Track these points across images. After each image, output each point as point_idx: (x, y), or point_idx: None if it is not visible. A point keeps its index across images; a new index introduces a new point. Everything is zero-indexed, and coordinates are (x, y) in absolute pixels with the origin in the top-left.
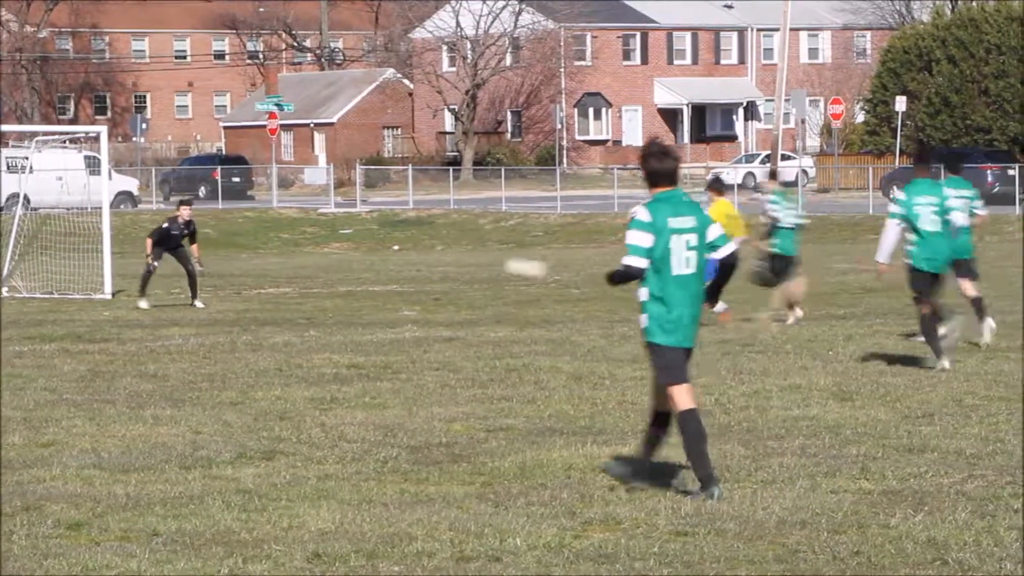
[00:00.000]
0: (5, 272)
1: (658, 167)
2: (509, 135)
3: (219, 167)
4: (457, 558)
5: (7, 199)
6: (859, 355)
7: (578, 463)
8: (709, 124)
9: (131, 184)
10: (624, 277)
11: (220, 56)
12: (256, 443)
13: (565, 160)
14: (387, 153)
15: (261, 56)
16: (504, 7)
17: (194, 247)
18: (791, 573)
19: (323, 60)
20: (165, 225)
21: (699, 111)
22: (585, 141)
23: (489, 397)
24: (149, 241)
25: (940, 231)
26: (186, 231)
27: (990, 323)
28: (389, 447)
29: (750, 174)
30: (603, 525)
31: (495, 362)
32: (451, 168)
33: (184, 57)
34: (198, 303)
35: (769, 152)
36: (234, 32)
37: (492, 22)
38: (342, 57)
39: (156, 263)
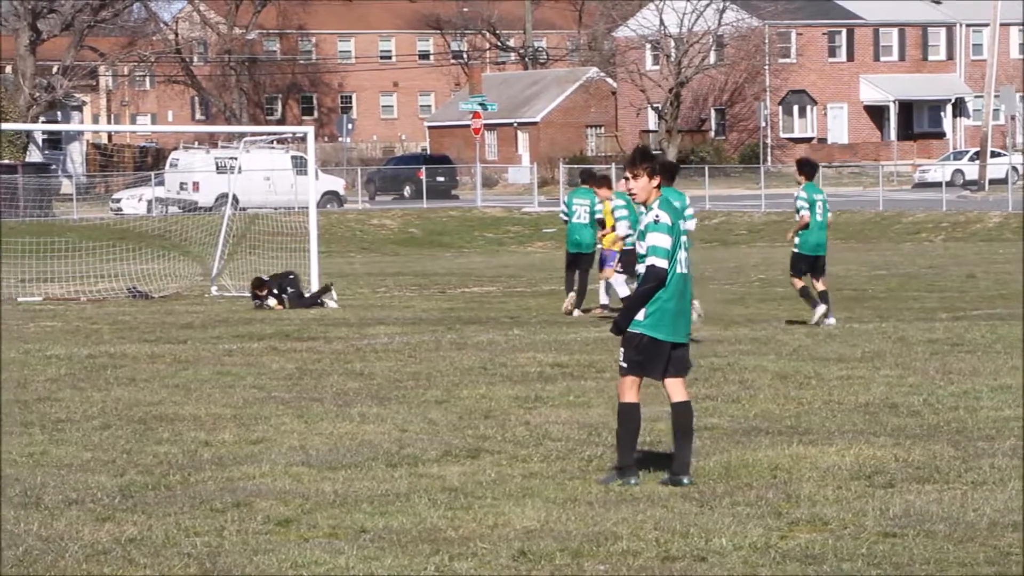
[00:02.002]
0: (215, 271)
1: (665, 162)
2: (713, 133)
3: (423, 167)
4: (662, 557)
5: (216, 199)
6: None
7: (784, 463)
8: (916, 121)
9: (337, 184)
10: (655, 277)
11: (425, 56)
12: (461, 441)
13: (769, 158)
14: (590, 152)
15: (465, 56)
16: (708, 5)
17: None
18: None
19: (527, 59)
20: None
21: (906, 108)
22: (789, 139)
23: (693, 396)
24: None
25: None
26: None
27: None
28: (593, 446)
29: (958, 171)
30: (810, 525)
31: (699, 360)
32: None
33: (389, 57)
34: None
35: (978, 149)
36: (438, 32)
37: (696, 20)
38: (546, 56)
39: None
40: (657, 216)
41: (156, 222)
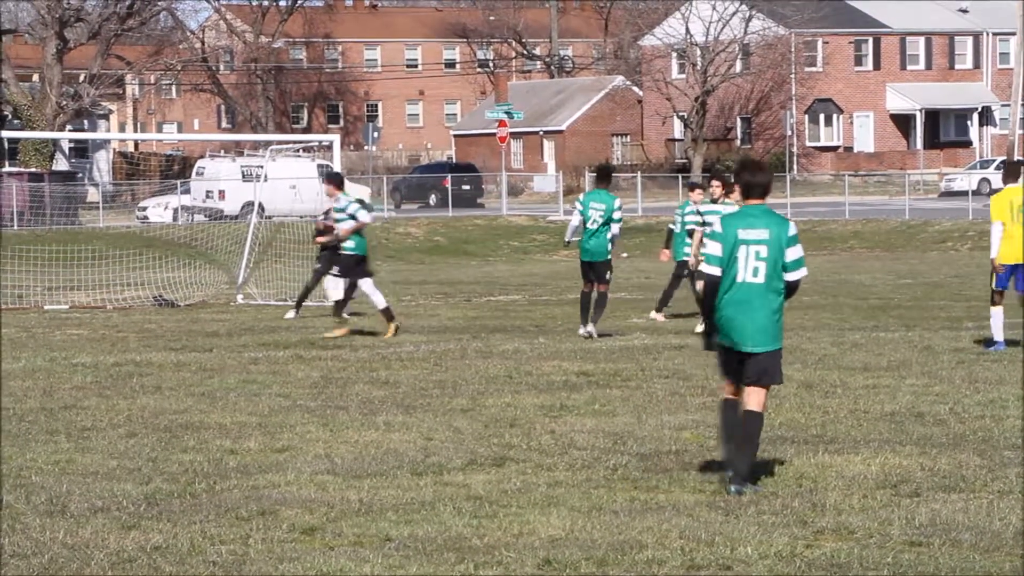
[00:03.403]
0: (241, 279)
1: (750, 180)
2: (739, 141)
3: (449, 175)
4: (688, 566)
5: (242, 207)
6: None
7: (809, 472)
8: (943, 130)
9: (363, 192)
10: (707, 285)
11: (451, 65)
12: (487, 450)
13: (795, 167)
14: (616, 160)
15: (491, 64)
16: (734, 13)
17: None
18: None
19: (553, 68)
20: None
21: (932, 116)
22: (816, 147)
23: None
24: None
25: None
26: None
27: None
28: (619, 454)
29: (985, 180)
30: (835, 534)
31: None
32: (680, 175)
33: (415, 66)
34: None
35: (1004, 158)
36: (464, 41)
37: (722, 28)
38: (572, 65)
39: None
40: (713, 224)
41: (182, 230)
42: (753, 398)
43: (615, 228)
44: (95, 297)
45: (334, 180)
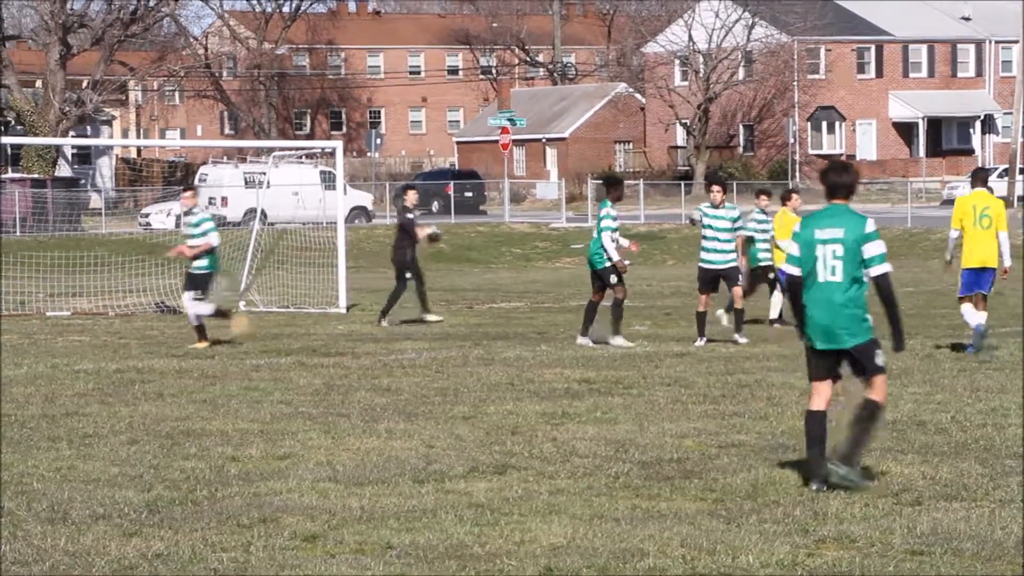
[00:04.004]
0: (243, 286)
1: (836, 181)
2: (741, 149)
3: (452, 182)
4: (689, 574)
5: (245, 214)
6: None
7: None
8: (945, 138)
9: (366, 199)
10: (788, 285)
11: (454, 71)
12: (488, 457)
13: (798, 174)
14: (619, 167)
15: (494, 71)
16: (737, 21)
17: None
18: None
19: (556, 75)
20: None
21: (935, 124)
22: (818, 155)
23: (721, 413)
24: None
25: None
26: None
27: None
28: (620, 462)
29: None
30: (837, 543)
31: (727, 377)
32: (683, 182)
33: (418, 73)
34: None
35: (1007, 166)
36: (467, 47)
37: (725, 36)
38: (574, 72)
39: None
40: (796, 228)
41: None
42: (873, 390)
43: (604, 235)
44: (97, 303)
45: (191, 188)
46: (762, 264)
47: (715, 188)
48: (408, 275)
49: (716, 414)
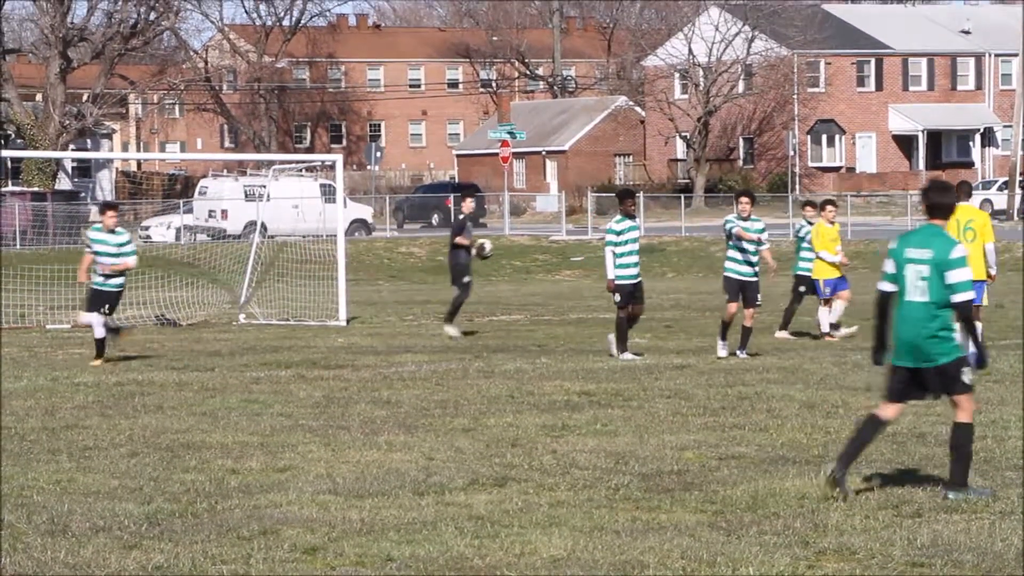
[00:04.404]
0: (243, 299)
1: (937, 201)
2: (741, 162)
3: (452, 195)
4: None
5: (245, 227)
6: None
7: (811, 492)
8: (945, 151)
9: (366, 212)
10: (877, 301)
11: (454, 85)
12: (488, 470)
13: (798, 187)
14: (619, 180)
15: (494, 84)
16: (737, 34)
17: None
18: None
19: (556, 88)
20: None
21: (934, 137)
22: (818, 168)
23: (721, 425)
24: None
25: None
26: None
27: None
28: (621, 474)
29: (987, 201)
30: (837, 555)
31: (727, 390)
32: (683, 195)
33: (418, 86)
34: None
35: (1007, 179)
36: (467, 61)
37: (725, 49)
38: (574, 85)
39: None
40: (892, 244)
41: (185, 250)
42: (959, 411)
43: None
44: None
45: (112, 207)
46: (799, 273)
47: (743, 199)
48: (467, 278)
49: (716, 426)
